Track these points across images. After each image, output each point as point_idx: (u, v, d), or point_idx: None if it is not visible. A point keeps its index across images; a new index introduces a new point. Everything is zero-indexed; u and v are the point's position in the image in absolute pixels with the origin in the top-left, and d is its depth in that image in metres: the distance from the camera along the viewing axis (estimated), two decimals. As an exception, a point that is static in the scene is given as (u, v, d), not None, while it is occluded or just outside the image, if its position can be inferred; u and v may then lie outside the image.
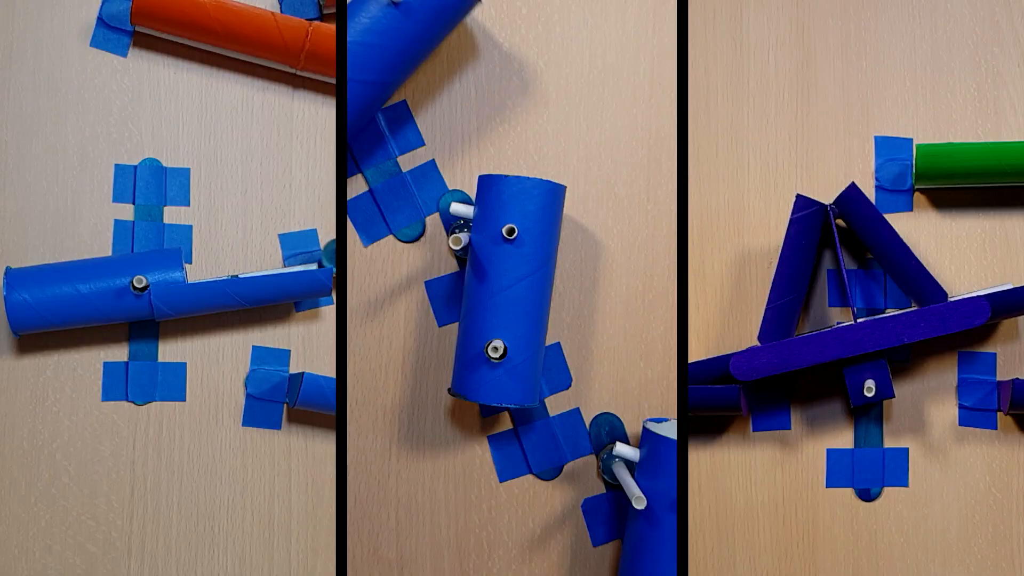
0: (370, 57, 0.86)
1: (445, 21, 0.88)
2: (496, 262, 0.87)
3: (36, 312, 0.88)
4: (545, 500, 0.95)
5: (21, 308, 0.88)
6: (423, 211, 0.95)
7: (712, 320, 0.95)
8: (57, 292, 0.88)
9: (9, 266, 0.90)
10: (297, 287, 0.91)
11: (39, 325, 0.88)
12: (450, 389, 0.90)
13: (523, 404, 0.88)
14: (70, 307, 0.88)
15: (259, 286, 0.91)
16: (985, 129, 0.95)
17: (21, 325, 0.88)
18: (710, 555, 0.94)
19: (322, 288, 0.91)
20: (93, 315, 0.89)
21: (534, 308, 0.88)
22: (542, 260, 0.87)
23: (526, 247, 0.87)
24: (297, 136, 0.96)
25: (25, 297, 0.88)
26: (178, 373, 0.94)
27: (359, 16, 0.86)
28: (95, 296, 0.88)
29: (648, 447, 0.87)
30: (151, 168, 0.94)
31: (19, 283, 0.88)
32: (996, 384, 0.94)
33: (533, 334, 0.88)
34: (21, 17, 0.94)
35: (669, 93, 0.96)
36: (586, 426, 0.95)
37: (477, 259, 0.88)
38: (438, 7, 0.87)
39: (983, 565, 0.94)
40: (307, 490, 0.95)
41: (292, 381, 0.93)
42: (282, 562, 0.94)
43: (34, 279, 0.88)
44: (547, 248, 0.88)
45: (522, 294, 0.87)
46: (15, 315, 0.88)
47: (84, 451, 0.93)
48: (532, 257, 0.87)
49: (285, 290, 0.91)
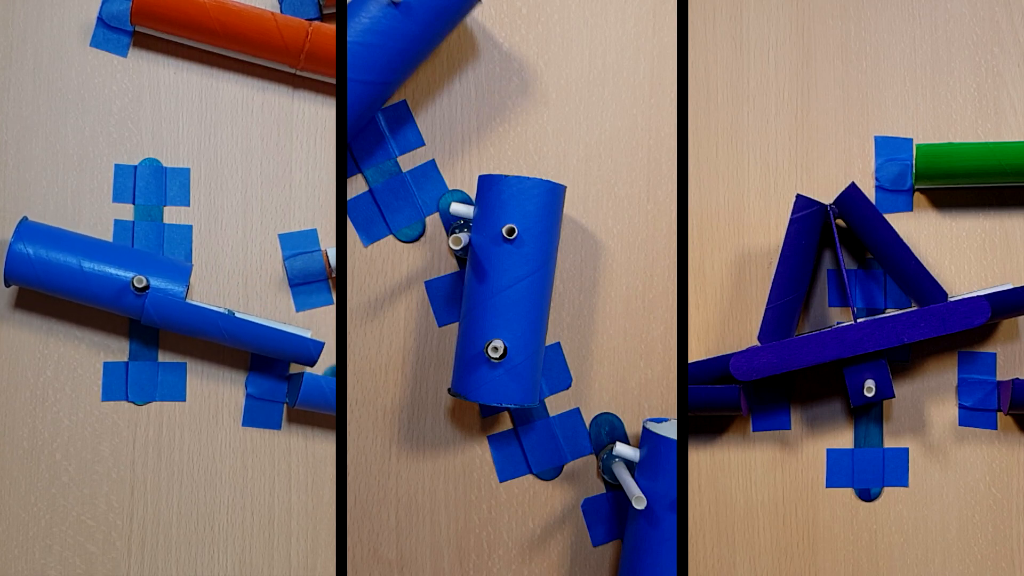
0: (370, 57, 0.86)
1: (445, 21, 0.88)
2: (496, 262, 0.87)
3: (32, 269, 0.88)
4: (545, 500, 0.95)
5: (20, 259, 0.88)
6: (423, 211, 0.95)
7: (712, 320, 0.95)
8: (60, 259, 0.88)
9: (26, 216, 0.90)
10: (284, 349, 0.90)
11: (32, 283, 0.88)
12: (450, 389, 0.90)
13: (523, 404, 0.88)
14: (67, 278, 0.88)
15: (249, 333, 0.90)
16: (985, 129, 0.95)
17: (15, 276, 0.88)
18: (710, 555, 0.94)
19: (308, 359, 0.90)
20: (85, 295, 0.88)
21: (534, 308, 0.88)
22: (542, 260, 0.87)
23: (526, 247, 0.87)
24: (297, 136, 0.96)
25: (28, 251, 0.88)
26: (178, 373, 0.94)
27: (359, 16, 0.86)
28: (94, 278, 0.88)
29: (648, 447, 0.87)
30: (151, 168, 0.94)
31: (29, 236, 0.88)
32: (996, 384, 0.94)
33: (533, 334, 0.88)
34: (21, 17, 0.94)
35: (669, 93, 0.96)
36: (586, 426, 0.95)
37: (477, 259, 0.88)
38: (438, 7, 0.87)
39: (983, 565, 0.94)
40: (307, 490, 0.95)
41: (292, 381, 0.93)
42: (282, 562, 0.94)
43: (44, 238, 0.88)
44: (547, 248, 0.88)
45: (522, 294, 0.87)
46: (12, 264, 0.88)
47: (84, 451, 0.93)
48: (532, 257, 0.87)
49: (272, 347, 0.90)
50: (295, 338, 0.90)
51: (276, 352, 0.90)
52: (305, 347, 0.90)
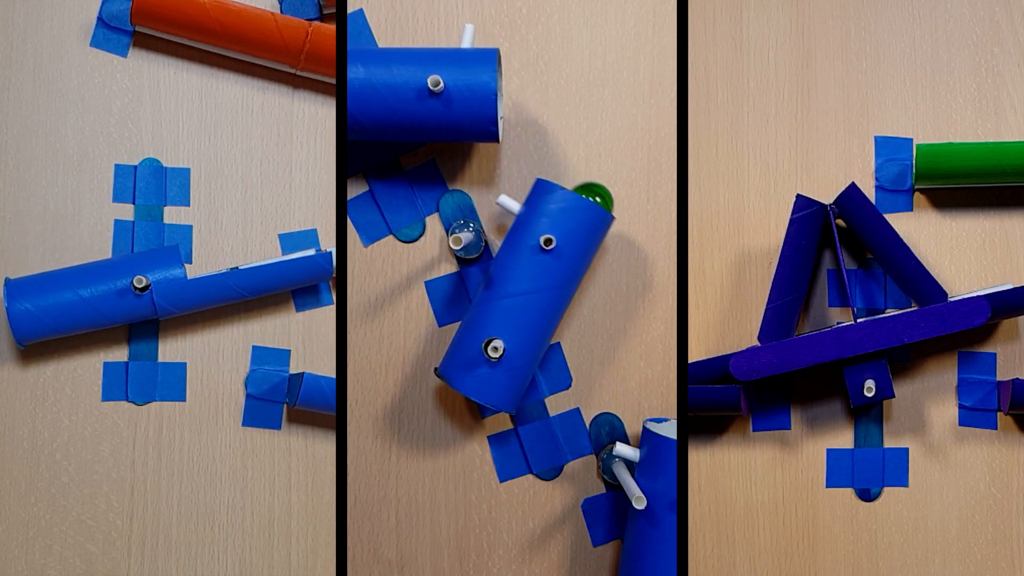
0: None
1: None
2: (525, 266, 0.87)
3: (40, 321, 0.87)
4: (545, 500, 0.95)
5: (24, 318, 0.87)
6: (423, 211, 0.95)
7: (712, 320, 0.95)
8: (59, 299, 0.88)
9: (8, 277, 0.90)
10: (298, 274, 0.91)
11: (43, 334, 0.88)
12: (436, 369, 0.90)
13: (501, 409, 0.88)
14: (73, 313, 0.88)
15: (260, 276, 0.90)
16: (985, 129, 0.95)
17: (26, 335, 0.88)
18: (710, 555, 0.94)
19: (323, 273, 0.91)
20: (96, 319, 0.89)
21: (544, 320, 0.88)
22: (567, 279, 0.88)
23: (559, 262, 0.87)
24: (297, 136, 0.96)
25: (27, 307, 0.87)
26: (178, 373, 0.94)
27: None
28: (97, 300, 0.88)
29: (648, 447, 0.87)
30: (151, 168, 0.94)
31: (20, 293, 0.87)
32: (996, 384, 0.94)
33: (535, 346, 0.88)
34: (21, 17, 0.94)
35: (669, 93, 0.96)
36: (586, 426, 0.95)
37: (508, 257, 0.88)
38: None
39: (983, 565, 0.94)
40: (307, 490, 0.95)
41: (292, 381, 0.93)
42: (282, 562, 0.94)
43: (34, 288, 0.88)
44: (576, 269, 0.88)
45: (538, 305, 0.87)
46: (19, 326, 0.87)
47: (84, 451, 0.93)
48: (560, 272, 0.87)
49: (286, 278, 0.91)
50: (303, 261, 0.91)
51: (292, 282, 0.91)
52: (316, 264, 0.91)
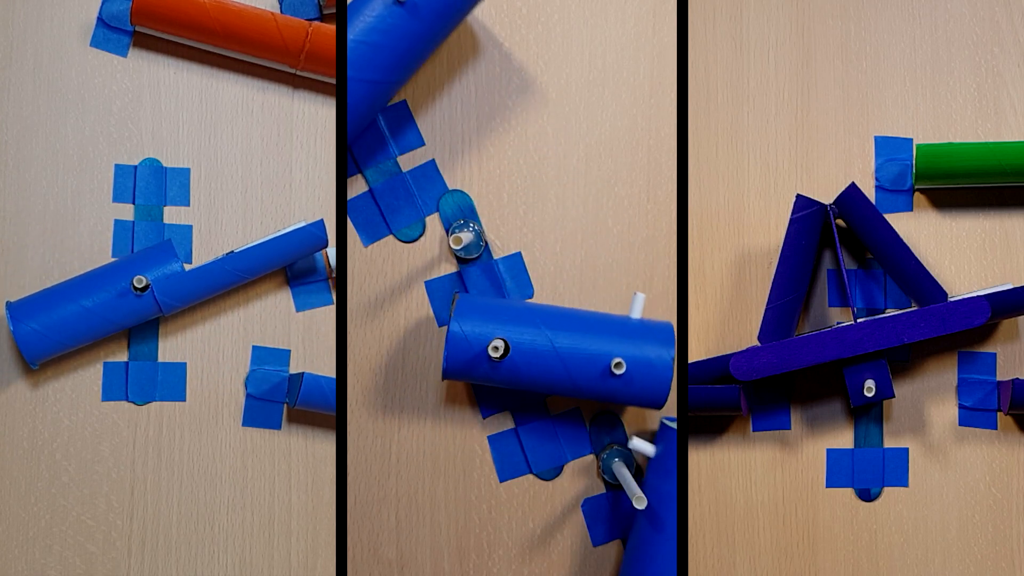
0: (374, 56, 0.86)
1: (450, 19, 0.88)
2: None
3: (47, 338, 0.87)
4: (545, 500, 0.95)
5: (32, 338, 0.87)
6: (423, 211, 0.95)
7: (712, 320, 0.95)
8: (63, 313, 0.88)
9: (8, 300, 0.90)
10: (293, 247, 0.91)
11: (54, 350, 0.88)
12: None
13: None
14: (79, 324, 0.88)
15: (257, 255, 0.90)
16: (985, 129, 0.96)
17: (37, 354, 0.88)
18: (710, 555, 0.94)
19: (318, 242, 0.90)
20: (103, 326, 0.88)
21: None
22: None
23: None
24: (297, 136, 0.96)
25: (33, 326, 0.87)
26: (178, 373, 0.94)
27: (363, 15, 0.86)
28: (100, 307, 0.88)
29: (665, 444, 0.87)
30: (151, 168, 0.94)
31: (23, 314, 0.87)
32: (996, 384, 0.94)
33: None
34: (21, 17, 0.94)
35: (669, 93, 0.96)
36: (586, 426, 0.95)
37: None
38: (444, 6, 0.87)
39: (983, 565, 0.94)
40: (307, 490, 0.95)
41: (292, 381, 0.93)
42: (282, 562, 0.94)
43: (36, 306, 0.88)
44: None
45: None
46: (28, 347, 0.87)
47: (84, 451, 0.92)
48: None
49: (283, 252, 0.91)
50: (296, 233, 0.91)
51: (289, 255, 0.91)
52: (311, 234, 0.91)
